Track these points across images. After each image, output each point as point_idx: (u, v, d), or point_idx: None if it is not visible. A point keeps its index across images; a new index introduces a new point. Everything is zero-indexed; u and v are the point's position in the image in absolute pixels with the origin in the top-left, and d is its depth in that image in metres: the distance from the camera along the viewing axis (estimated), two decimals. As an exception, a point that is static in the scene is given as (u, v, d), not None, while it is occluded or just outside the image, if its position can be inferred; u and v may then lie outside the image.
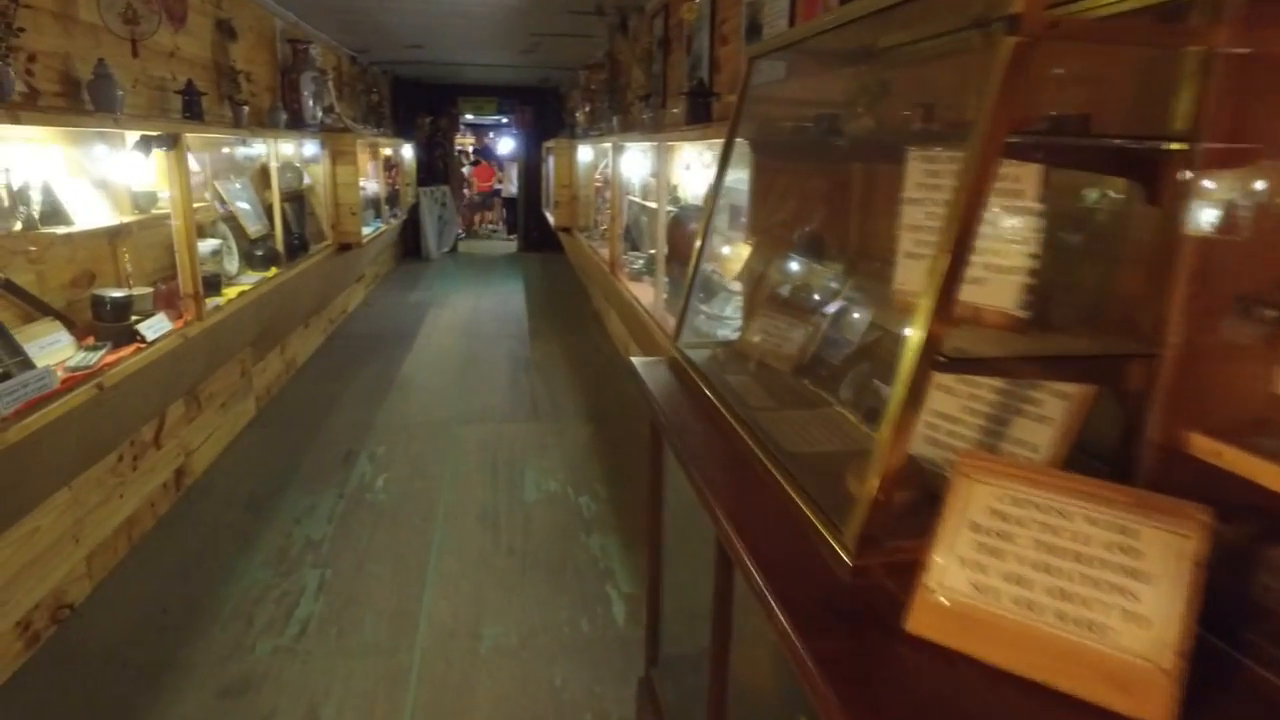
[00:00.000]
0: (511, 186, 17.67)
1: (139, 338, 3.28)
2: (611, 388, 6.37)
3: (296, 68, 6.35)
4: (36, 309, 3.07)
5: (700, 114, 3.65)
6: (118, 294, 3.24)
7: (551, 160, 10.58)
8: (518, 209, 17.50)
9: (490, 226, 18.46)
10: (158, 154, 3.59)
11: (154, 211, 3.84)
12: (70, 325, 3.23)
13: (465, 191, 16.52)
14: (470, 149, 18.08)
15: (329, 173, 6.60)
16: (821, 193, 2.10)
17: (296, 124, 6.26)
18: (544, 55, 9.28)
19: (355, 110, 9.14)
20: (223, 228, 4.84)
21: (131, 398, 3.29)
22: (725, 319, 3.11)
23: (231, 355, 4.95)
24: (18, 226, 2.96)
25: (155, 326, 3.39)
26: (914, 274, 1.38)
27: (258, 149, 5.81)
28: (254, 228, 5.17)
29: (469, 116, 15.78)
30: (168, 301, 3.77)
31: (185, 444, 4.39)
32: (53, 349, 3.01)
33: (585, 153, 8.02)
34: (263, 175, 5.95)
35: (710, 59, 4.11)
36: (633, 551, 3.81)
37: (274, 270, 5.16)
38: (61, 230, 3.06)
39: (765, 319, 2.18)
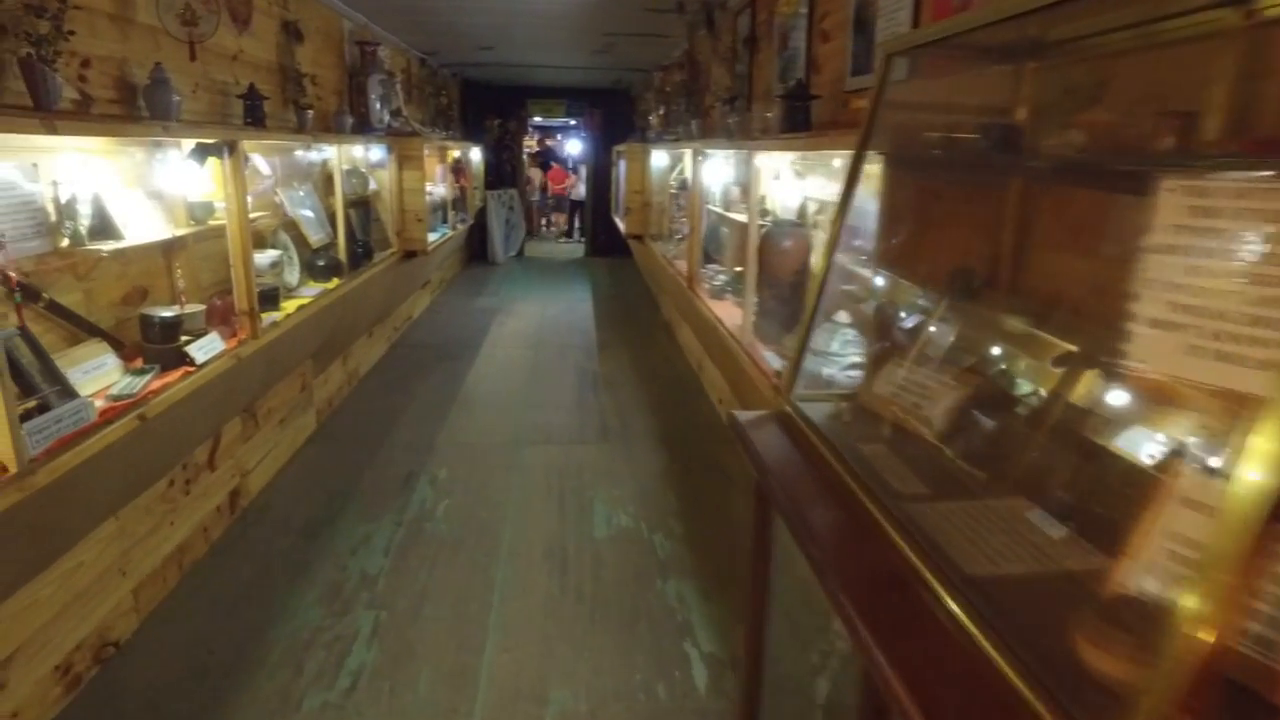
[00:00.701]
0: (581, 188, 17.48)
1: (188, 360, 3.05)
2: (684, 406, 6.02)
3: (364, 70, 6.16)
4: (83, 330, 2.86)
5: (798, 120, 3.28)
6: (167, 313, 3.02)
7: (623, 165, 10.30)
8: (584, 213, 17.34)
9: (559, 229, 18.33)
10: (215, 162, 3.38)
11: (211, 222, 3.63)
12: (118, 346, 3.02)
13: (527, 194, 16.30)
14: (533, 151, 17.90)
15: (395, 178, 6.40)
16: (976, 218, 1.72)
17: (363, 128, 6.07)
18: (617, 56, 8.99)
19: (424, 113, 8.98)
20: (283, 237, 4.64)
21: (179, 424, 3.07)
22: (831, 356, 2.73)
23: (290, 370, 4.75)
24: (64, 243, 2.76)
25: (206, 347, 3.16)
26: (1165, 352, 0.99)
27: (325, 153, 5.64)
28: (316, 236, 4.98)
29: (536, 119, 15.59)
30: (222, 318, 3.56)
31: (241, 464, 4.19)
32: (98, 373, 2.79)
33: (659, 158, 7.70)
34: (327, 181, 5.77)
35: (808, 58, 3.73)
36: (712, 602, 3.46)
37: (335, 281, 4.95)
38: (110, 246, 2.85)
39: (899, 369, 1.81)
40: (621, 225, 8.88)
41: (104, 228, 2.91)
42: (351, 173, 6.04)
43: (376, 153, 6.41)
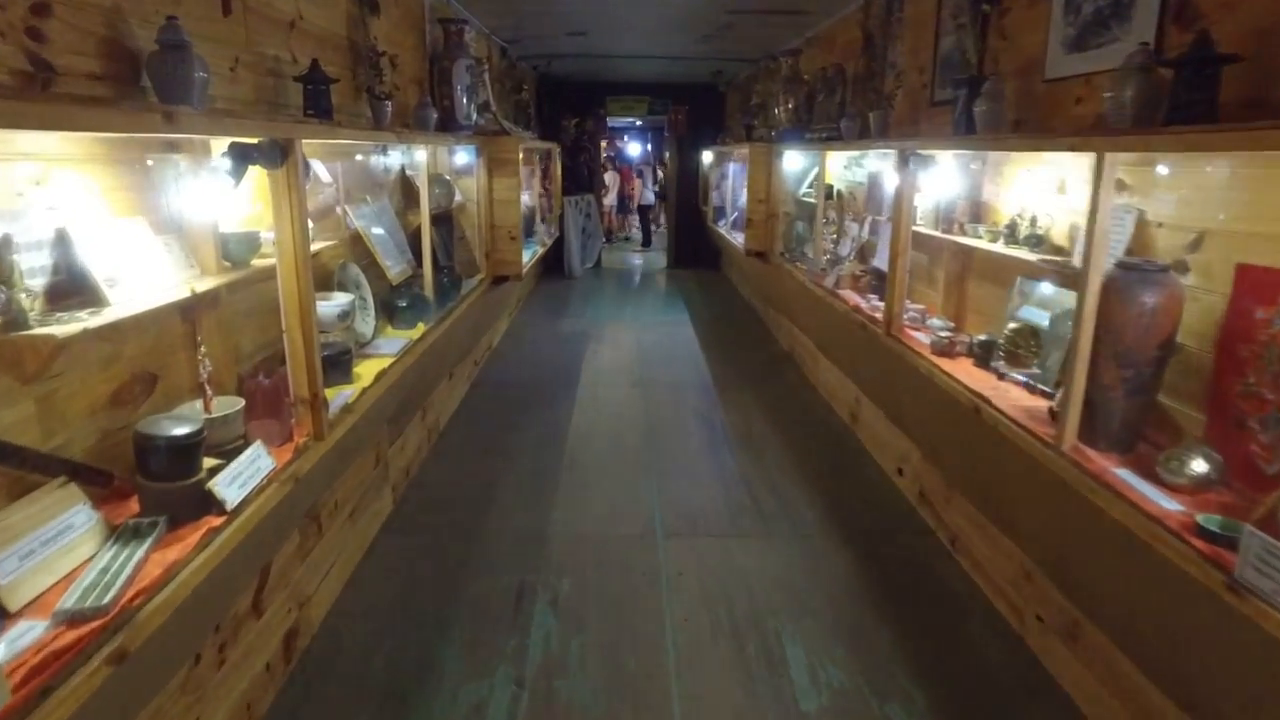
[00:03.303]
0: (648, 193, 16.38)
1: (214, 504, 1.84)
2: (848, 475, 4.70)
3: (449, 54, 4.96)
4: (31, 471, 1.65)
5: (1194, 101, 1.96)
6: (179, 430, 1.80)
7: (730, 168, 9.03)
8: (651, 217, 16.17)
9: (623, 234, 17.37)
10: (262, 174, 2.18)
11: (256, 262, 2.44)
12: (103, 482, 1.82)
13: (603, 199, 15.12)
14: (608, 154, 16.79)
15: (485, 186, 5.20)
16: None
17: (448, 125, 4.88)
18: (727, 42, 7.68)
19: (504, 110, 7.80)
20: (354, 272, 3.44)
21: (199, 609, 1.87)
22: None
23: (363, 452, 3.57)
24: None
25: (244, 476, 1.95)
26: None
27: (400, 157, 4.46)
28: (396, 269, 3.78)
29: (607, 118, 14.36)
30: (269, 407, 2.35)
31: (298, 590, 3.00)
32: (55, 549, 1.59)
33: (784, 162, 6.39)
34: (403, 192, 4.59)
35: (1164, 5, 2.40)
36: None
37: (421, 327, 3.74)
38: (77, 325, 1.64)
39: None
40: (737, 240, 7.59)
41: (73, 289, 1.72)
42: (433, 180, 4.85)
43: (461, 156, 5.23)
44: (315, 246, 3.04)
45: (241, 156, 2.04)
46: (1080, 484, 2.25)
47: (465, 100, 5.05)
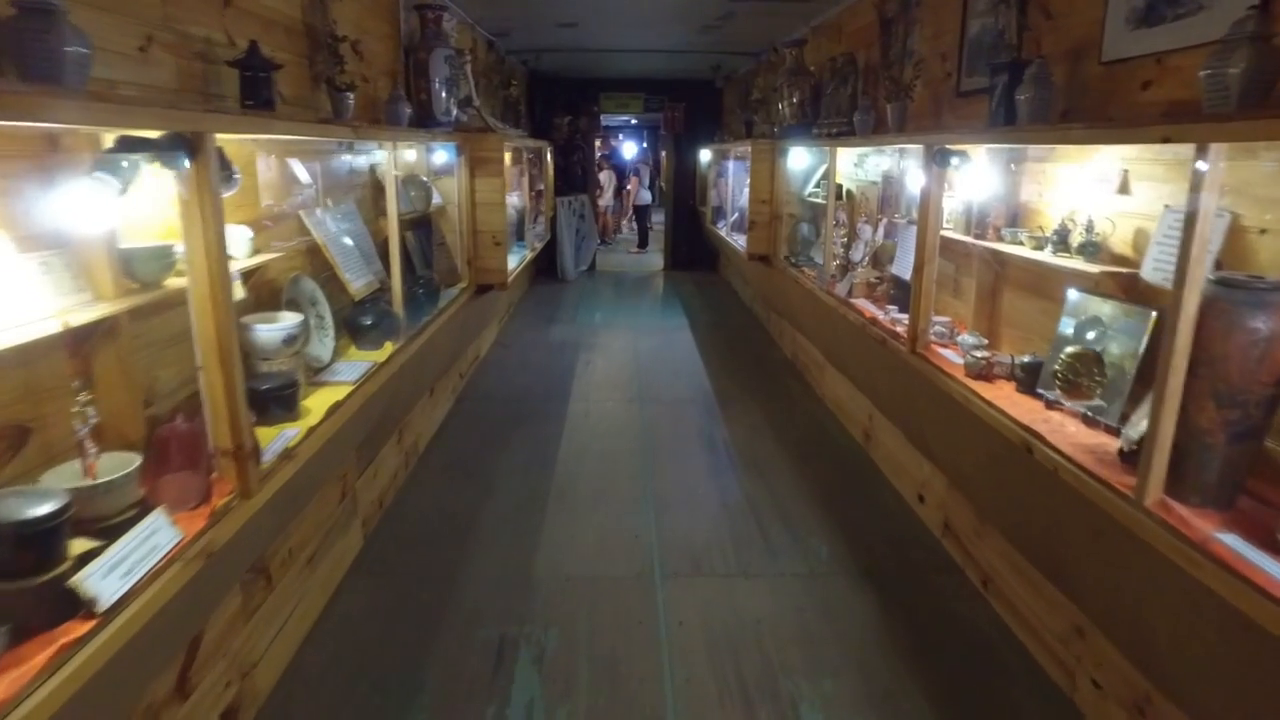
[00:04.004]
0: (644, 192, 15.97)
1: (84, 606, 1.42)
2: (863, 501, 4.29)
3: (425, 44, 4.54)
4: None
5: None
6: (31, 510, 1.38)
7: (729, 166, 8.62)
8: (648, 218, 15.76)
9: (619, 235, 16.98)
10: (173, 176, 1.76)
11: (171, 283, 2.02)
12: (-66, 577, 1.40)
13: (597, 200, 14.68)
14: (603, 153, 16.37)
15: (466, 188, 4.78)
16: None
17: (424, 120, 4.46)
18: (727, 34, 7.27)
19: (491, 107, 7.38)
20: (307, 287, 3.02)
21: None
22: None
23: (319, 490, 3.15)
24: None
25: (129, 562, 1.53)
26: None
27: (378, 155, 4.04)
28: (360, 281, 3.35)
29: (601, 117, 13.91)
30: (186, 457, 1.93)
31: (241, 659, 2.58)
32: None
33: (783, 160, 5.99)
34: (377, 195, 4.17)
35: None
36: None
37: (389, 347, 3.32)
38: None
39: None
40: (737, 242, 7.19)
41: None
42: (409, 182, 4.44)
43: (441, 154, 4.81)
44: (262, 259, 2.65)
45: (132, 153, 1.62)
46: (1172, 550, 1.84)
47: (444, 94, 4.63)
